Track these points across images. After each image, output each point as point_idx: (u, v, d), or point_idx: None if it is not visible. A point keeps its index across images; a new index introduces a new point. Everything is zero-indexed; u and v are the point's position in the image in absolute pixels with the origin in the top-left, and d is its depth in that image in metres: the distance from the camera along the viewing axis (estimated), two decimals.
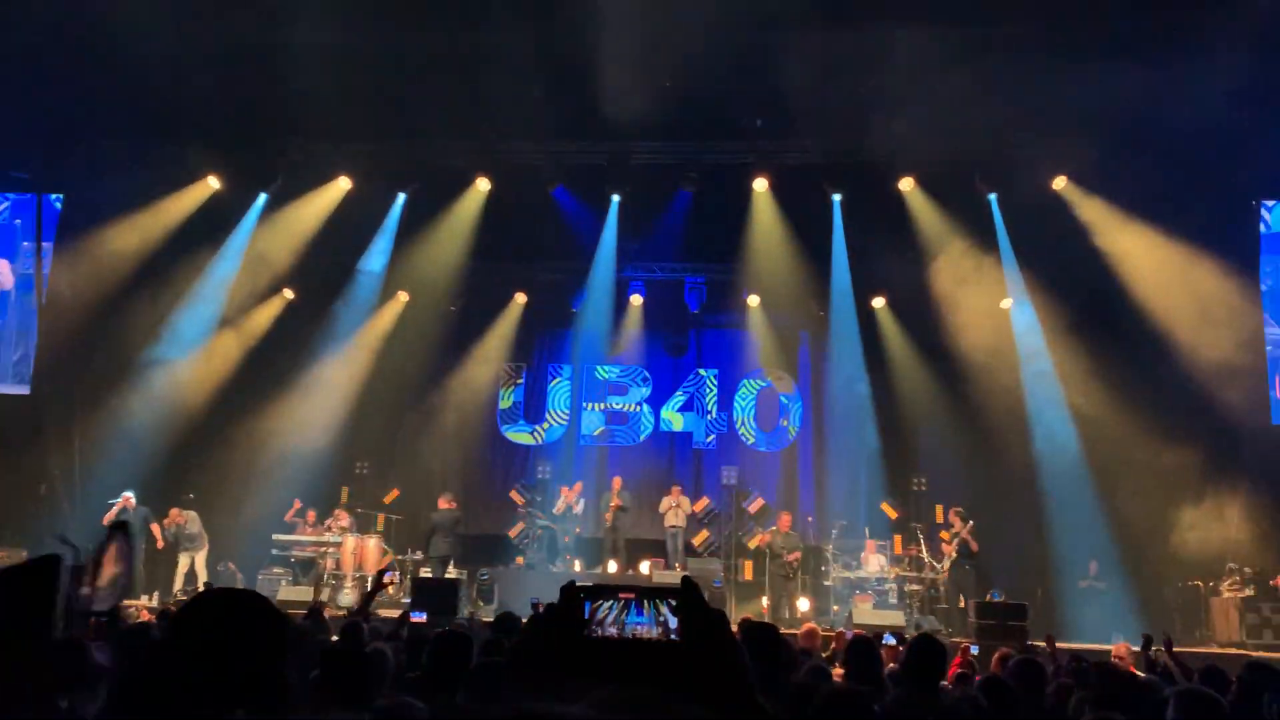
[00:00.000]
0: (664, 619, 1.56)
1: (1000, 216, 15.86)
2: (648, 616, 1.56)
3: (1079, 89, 13.22)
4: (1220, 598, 13.77)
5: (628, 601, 1.57)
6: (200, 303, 16.31)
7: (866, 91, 13.42)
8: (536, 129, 15.14)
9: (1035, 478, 15.48)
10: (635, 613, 1.57)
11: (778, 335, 17.86)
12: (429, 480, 17.24)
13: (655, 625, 1.57)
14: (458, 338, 17.89)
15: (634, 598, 1.57)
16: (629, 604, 1.57)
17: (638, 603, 1.57)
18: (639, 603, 1.57)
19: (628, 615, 1.57)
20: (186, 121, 14.87)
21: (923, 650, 4.46)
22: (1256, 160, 15.02)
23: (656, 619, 1.57)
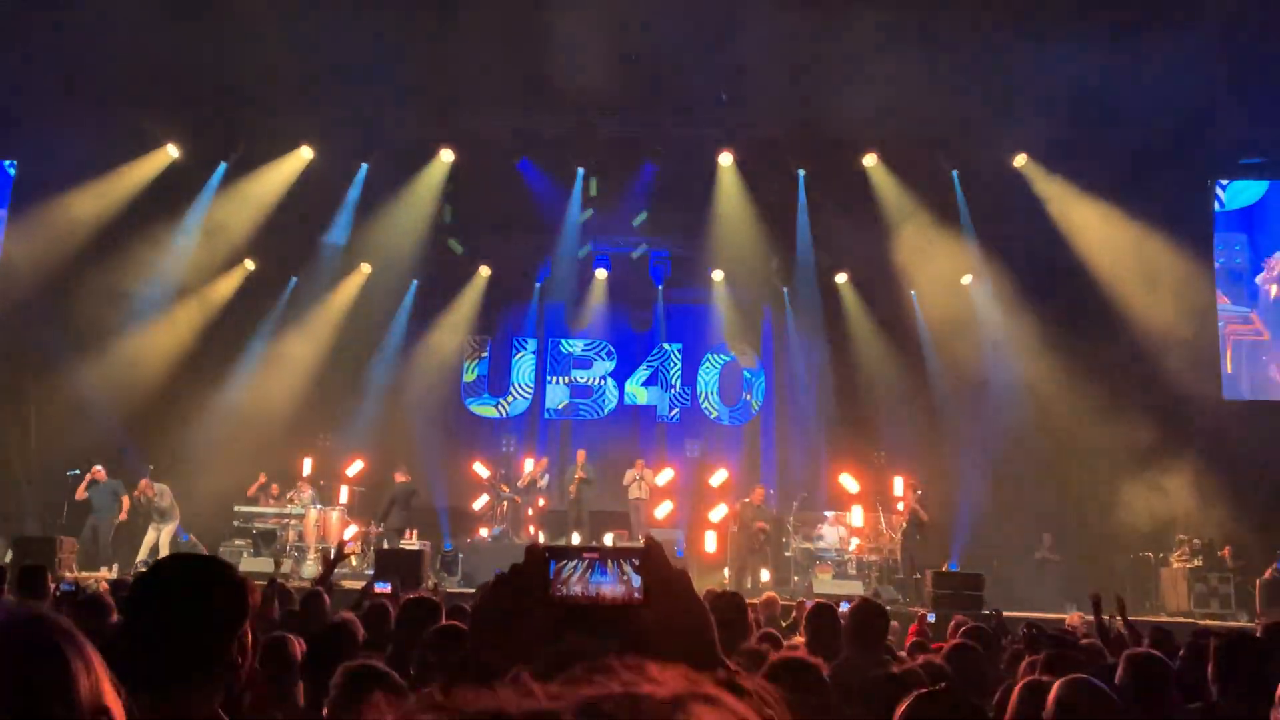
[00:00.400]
0: (628, 578, 1.60)
1: (962, 193, 16.04)
2: (612, 576, 1.60)
3: (1040, 68, 13.37)
4: (1169, 568, 14.12)
5: (592, 561, 1.60)
6: (159, 273, 16.07)
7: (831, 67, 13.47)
8: (500, 101, 15.04)
9: (993, 451, 15.75)
10: (599, 572, 1.60)
11: (741, 310, 17.95)
12: (392, 453, 17.20)
13: (619, 584, 1.60)
14: (421, 310, 17.80)
15: (598, 558, 1.61)
16: (594, 564, 1.61)
17: (602, 563, 1.60)
18: (603, 563, 1.61)
19: (592, 575, 1.60)
20: (144, 88, 14.60)
21: (863, 613, 4.59)
22: (1212, 140, 15.29)
23: (620, 578, 1.60)
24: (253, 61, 13.83)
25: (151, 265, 15.97)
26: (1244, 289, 16.46)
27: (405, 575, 11.06)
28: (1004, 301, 15.95)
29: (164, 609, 1.88)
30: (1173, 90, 13.42)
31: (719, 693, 0.56)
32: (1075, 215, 15.39)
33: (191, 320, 16.45)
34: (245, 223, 16.11)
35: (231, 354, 16.53)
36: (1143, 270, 14.91)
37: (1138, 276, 14.98)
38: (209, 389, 16.23)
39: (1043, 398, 15.40)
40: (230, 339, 16.61)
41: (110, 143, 15.36)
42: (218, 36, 13.50)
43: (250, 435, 15.92)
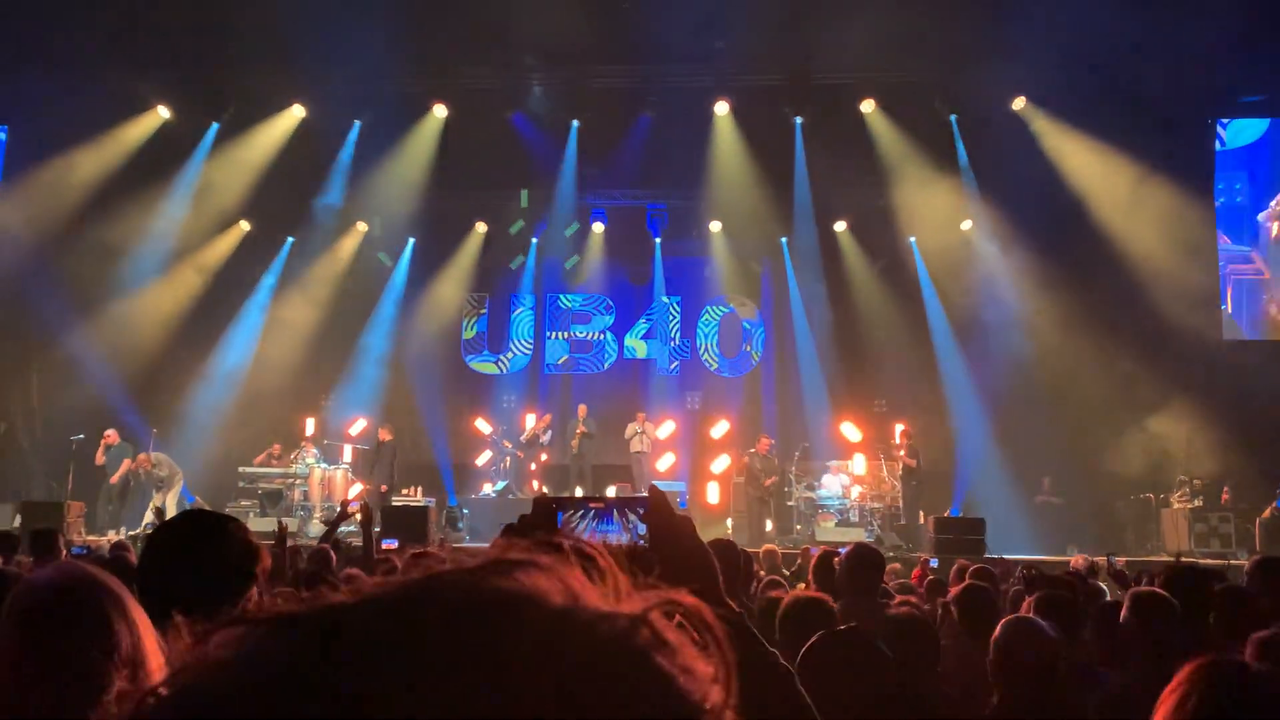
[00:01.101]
0: (633, 525, 1.62)
1: (960, 137, 15.91)
2: (617, 524, 1.62)
3: (1037, 8, 13.21)
4: (1170, 509, 14.21)
5: (598, 511, 1.63)
6: (154, 235, 16.00)
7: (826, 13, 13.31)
8: (493, 54, 14.87)
9: (993, 397, 15.79)
10: (605, 521, 1.63)
11: (740, 261, 17.90)
12: (394, 411, 17.25)
13: (625, 533, 1.63)
14: (418, 268, 17.75)
15: (604, 508, 1.63)
16: (599, 514, 1.63)
17: (607, 512, 1.63)
18: (609, 512, 1.63)
19: (598, 524, 1.63)
20: (133, 49, 14.43)
21: (856, 559, 4.64)
22: (1212, 79, 15.12)
23: (625, 526, 1.63)
24: (242, 19, 13.66)
25: (146, 228, 15.89)
26: (1245, 228, 16.39)
27: (410, 532, 11.17)
28: (1003, 246, 15.89)
29: (180, 557, 1.91)
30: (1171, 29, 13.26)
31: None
32: (1074, 157, 15.28)
33: (189, 282, 16.41)
34: (239, 183, 16.02)
35: (230, 315, 16.52)
36: (1142, 211, 14.83)
37: (1137, 217, 14.91)
38: (209, 350, 16.25)
39: (1042, 342, 15.40)
40: (228, 300, 16.59)
41: (101, 105, 15.20)
42: None
43: (252, 396, 15.97)
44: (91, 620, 1.49)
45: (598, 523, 1.62)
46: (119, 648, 1.48)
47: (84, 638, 1.47)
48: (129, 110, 15.57)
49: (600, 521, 1.62)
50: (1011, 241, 15.75)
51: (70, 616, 1.50)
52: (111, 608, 1.51)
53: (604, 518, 1.62)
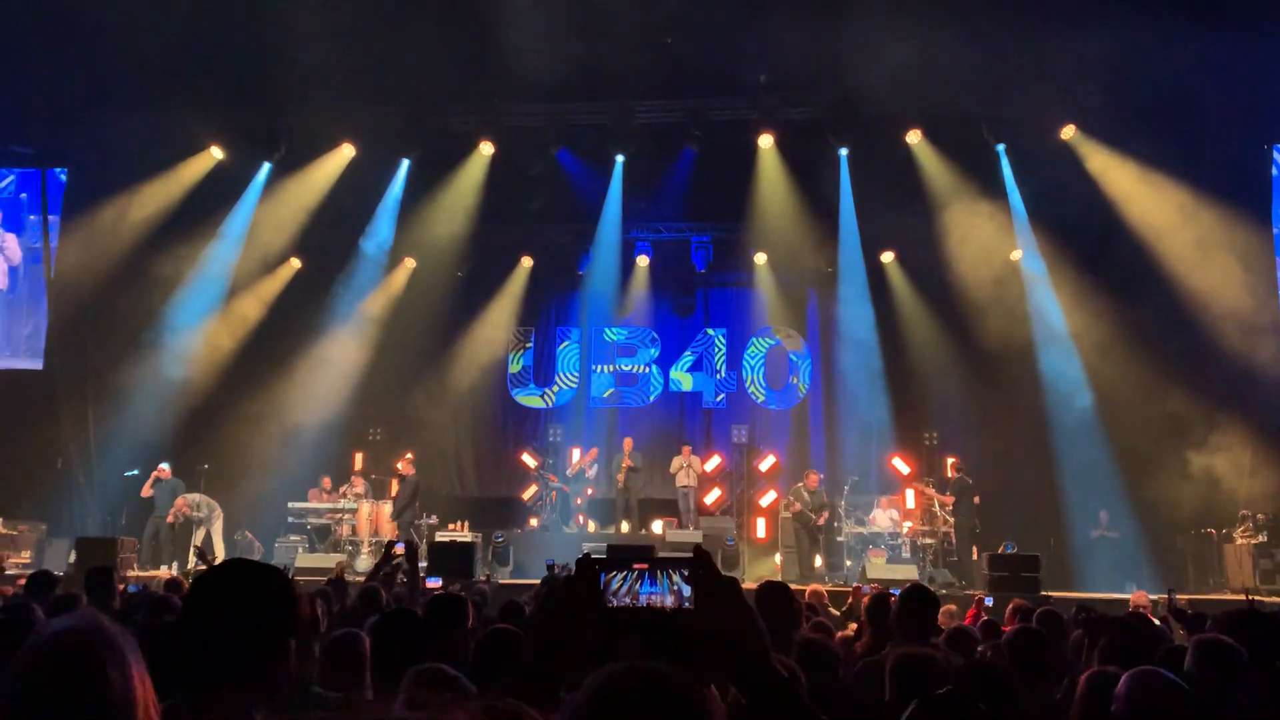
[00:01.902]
0: (677, 587, 1.58)
1: (1009, 167, 15.75)
2: (661, 586, 1.58)
3: (1085, 35, 13.06)
4: (1234, 545, 13.81)
5: (641, 572, 1.59)
6: (208, 273, 16.34)
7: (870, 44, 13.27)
8: (538, 90, 15.02)
9: (1046, 429, 15.50)
10: (649, 583, 1.59)
11: (786, 292, 17.80)
12: (442, 445, 17.36)
13: (669, 594, 1.59)
14: (465, 303, 17.90)
15: (647, 568, 1.59)
16: (643, 575, 1.59)
17: (651, 573, 1.59)
18: (652, 573, 1.59)
19: (641, 586, 1.59)
20: (188, 92, 14.79)
21: (911, 600, 4.54)
22: (1267, 104, 14.85)
23: (670, 588, 1.58)
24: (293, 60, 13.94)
25: (200, 266, 16.23)
26: None
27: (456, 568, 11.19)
28: (1055, 277, 15.65)
29: (219, 609, 1.91)
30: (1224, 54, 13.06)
31: None
32: (1127, 187, 15.03)
33: (242, 320, 16.69)
34: (290, 221, 16.31)
35: (281, 352, 16.74)
36: (1199, 240, 14.51)
37: (1192, 245, 14.60)
38: (260, 387, 16.46)
39: (1095, 372, 15.10)
40: (279, 337, 16.82)
41: (156, 147, 15.61)
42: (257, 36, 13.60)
43: (303, 431, 16.14)
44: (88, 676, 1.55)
45: (641, 584, 1.58)
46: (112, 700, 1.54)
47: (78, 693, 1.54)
48: (184, 151, 15.96)
49: (644, 583, 1.58)
50: (1062, 271, 15.51)
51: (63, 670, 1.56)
52: (110, 665, 1.56)
53: (647, 579, 1.58)
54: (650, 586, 1.58)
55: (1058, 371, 15.61)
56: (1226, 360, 14.35)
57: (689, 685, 1.23)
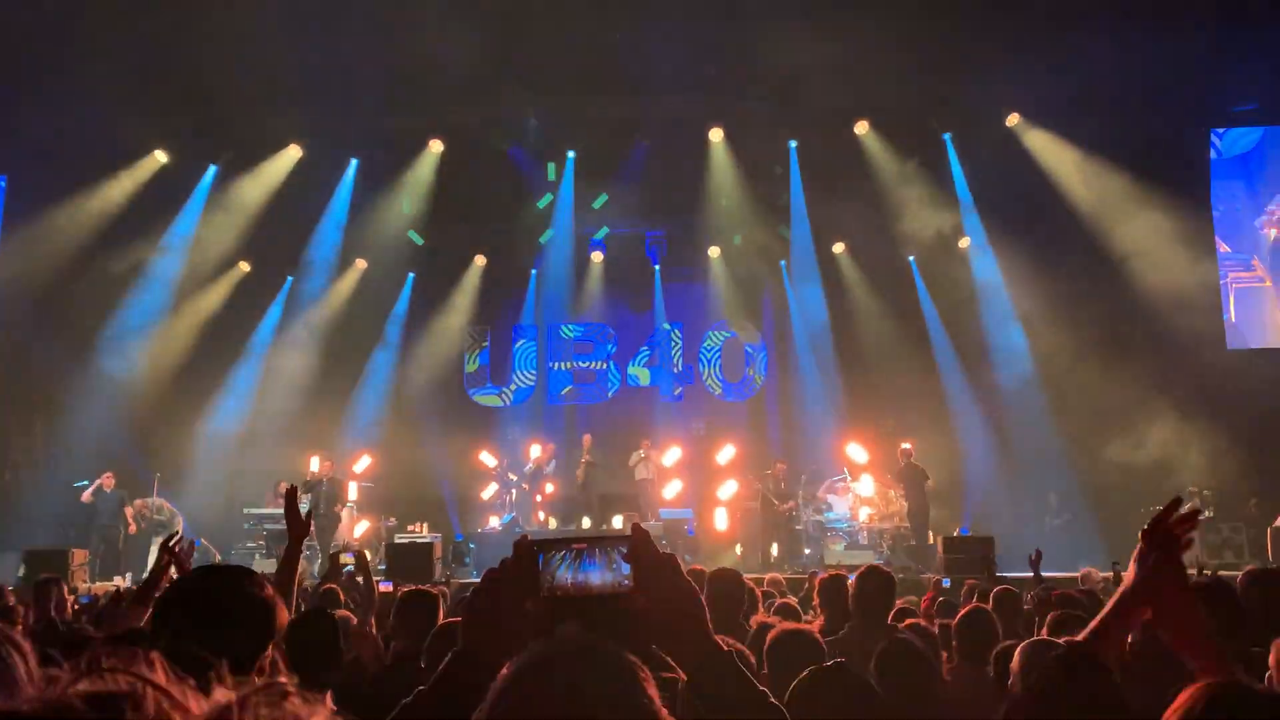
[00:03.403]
0: (616, 566, 1.59)
1: (955, 155, 15.95)
2: (600, 565, 1.59)
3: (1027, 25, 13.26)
4: None
5: (580, 552, 1.59)
6: (156, 278, 16.07)
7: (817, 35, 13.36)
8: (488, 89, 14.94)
9: (999, 412, 15.73)
10: (588, 563, 1.59)
11: (740, 285, 17.89)
12: (398, 447, 17.20)
13: (608, 572, 1.59)
14: (419, 303, 17.77)
15: (586, 548, 1.60)
16: (581, 554, 1.59)
17: (590, 553, 1.59)
18: (591, 553, 1.60)
19: (581, 565, 1.59)
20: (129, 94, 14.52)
21: (867, 582, 4.59)
22: (1206, 89, 15.16)
23: (609, 567, 1.59)
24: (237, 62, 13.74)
25: (147, 271, 15.96)
26: (1244, 236, 16.37)
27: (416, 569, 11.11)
28: (1002, 263, 15.88)
29: (196, 617, 1.88)
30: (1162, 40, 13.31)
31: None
32: (1070, 171, 15.30)
33: (190, 324, 16.42)
34: (238, 224, 16.08)
35: (232, 356, 16.52)
36: (1140, 222, 14.82)
37: (1136, 229, 14.90)
38: (211, 392, 16.23)
39: (1046, 356, 15.35)
40: (230, 341, 16.60)
41: (99, 151, 15.31)
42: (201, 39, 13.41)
43: (255, 435, 15.93)
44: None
45: (580, 564, 1.59)
46: None
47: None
48: (128, 155, 15.66)
49: (583, 562, 1.59)
50: (1009, 256, 15.74)
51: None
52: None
53: (586, 559, 1.59)
54: (589, 566, 1.58)
55: (1007, 355, 15.85)
56: (1173, 341, 14.67)
57: (619, 657, 1.23)
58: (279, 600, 1.99)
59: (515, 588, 1.57)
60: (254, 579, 1.97)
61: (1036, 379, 15.49)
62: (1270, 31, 13.91)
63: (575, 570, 1.58)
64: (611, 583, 1.57)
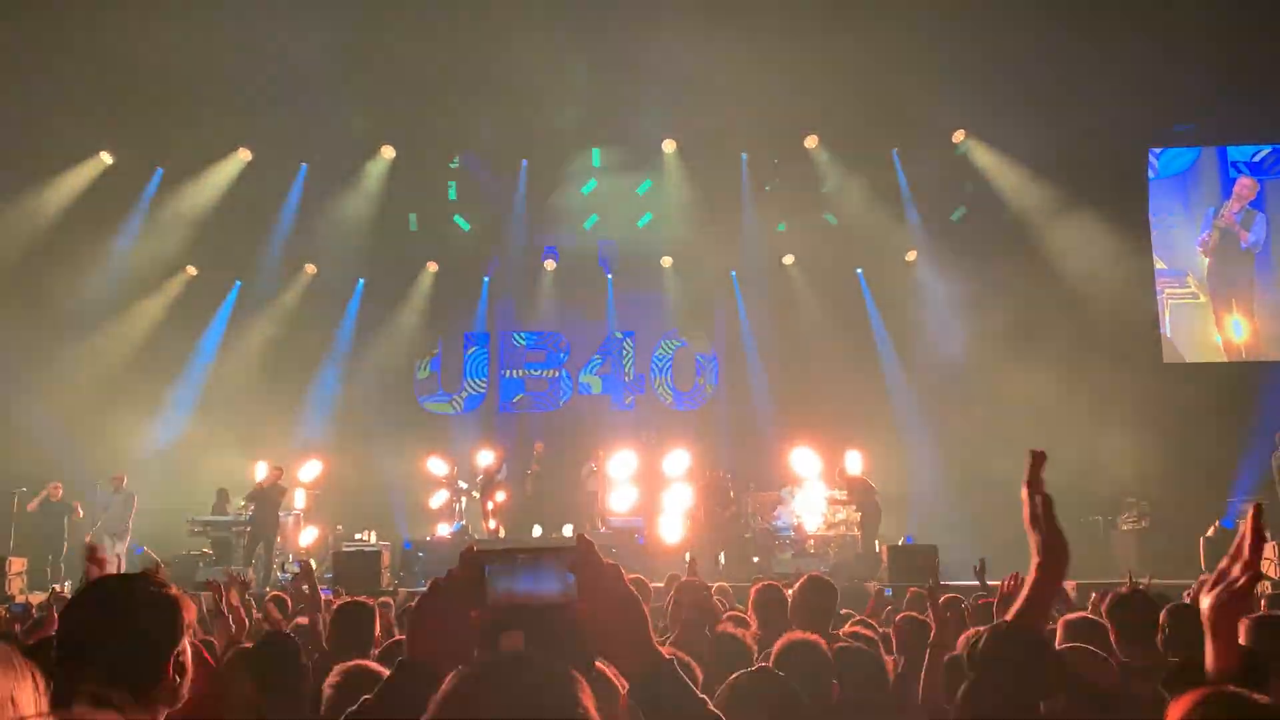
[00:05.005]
0: (561, 576, 1.63)
1: (902, 170, 16.23)
2: (545, 575, 1.62)
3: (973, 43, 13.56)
4: (1118, 531, 14.40)
5: (524, 562, 1.63)
6: (100, 281, 15.79)
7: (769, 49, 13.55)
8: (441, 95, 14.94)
9: (942, 423, 15.98)
10: (532, 573, 1.63)
11: (692, 295, 17.99)
12: (347, 454, 17.04)
13: (553, 583, 1.63)
14: (370, 309, 17.65)
15: (530, 558, 1.63)
16: (526, 565, 1.63)
17: (534, 563, 1.63)
18: (535, 563, 1.63)
19: (526, 576, 1.63)
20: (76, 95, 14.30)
21: (807, 592, 4.65)
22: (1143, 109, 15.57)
23: (554, 577, 1.63)
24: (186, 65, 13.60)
25: (92, 275, 15.68)
26: (1179, 253, 16.82)
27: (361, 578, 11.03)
28: (947, 275, 16.17)
29: (93, 629, 1.89)
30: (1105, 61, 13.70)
31: None
32: (1014, 187, 15.65)
33: (135, 329, 16.17)
34: (185, 228, 15.89)
35: (179, 360, 16.27)
36: (1080, 238, 15.21)
37: (1075, 245, 15.28)
38: (157, 396, 15.97)
39: (985, 368, 15.62)
40: (177, 345, 16.35)
41: (43, 152, 15.04)
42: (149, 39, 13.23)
43: (200, 442, 15.70)
44: None
45: (525, 574, 1.62)
46: None
47: None
48: (71, 157, 15.39)
49: (527, 572, 1.62)
50: (954, 270, 16.03)
51: None
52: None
53: (531, 569, 1.62)
54: (534, 576, 1.61)
55: (949, 367, 16.12)
56: (1110, 354, 15.03)
57: (556, 668, 1.27)
58: (180, 601, 2.00)
59: (461, 598, 1.60)
60: (154, 584, 1.99)
61: (977, 389, 15.76)
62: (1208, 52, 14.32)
63: (520, 580, 1.61)
64: (556, 593, 1.60)
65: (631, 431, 17.78)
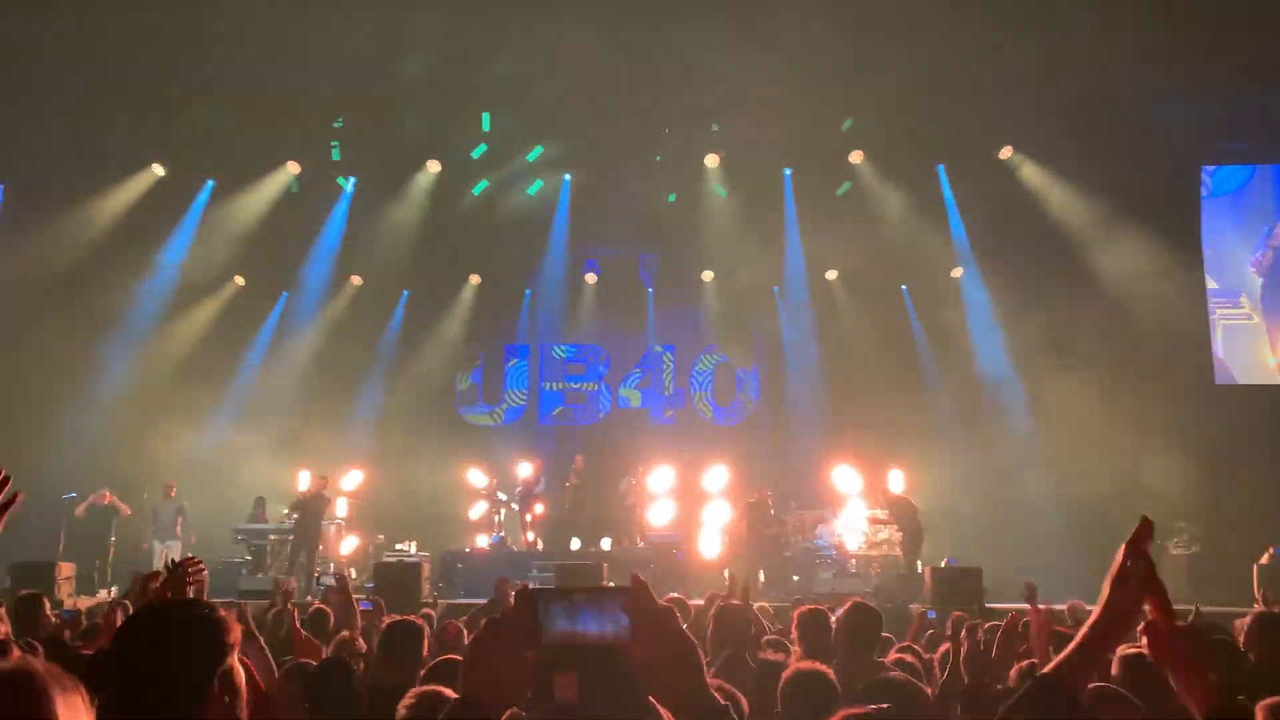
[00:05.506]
0: (615, 617, 1.61)
1: (949, 186, 16.09)
2: (598, 616, 1.61)
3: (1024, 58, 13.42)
4: (1168, 555, 14.11)
5: (579, 602, 1.62)
6: (151, 291, 16.09)
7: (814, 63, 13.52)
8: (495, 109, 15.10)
9: (986, 441, 15.77)
10: (587, 613, 1.62)
11: (733, 310, 17.93)
12: (389, 464, 17.17)
13: (607, 624, 1.62)
14: (413, 320, 17.79)
15: (585, 598, 1.62)
16: (580, 605, 1.62)
17: (588, 603, 1.62)
18: (590, 603, 1.62)
19: (579, 616, 1.62)
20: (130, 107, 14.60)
21: (854, 618, 4.54)
22: (1197, 126, 15.33)
23: (608, 618, 1.62)
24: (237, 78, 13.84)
25: (142, 283, 15.98)
26: (1232, 273, 16.50)
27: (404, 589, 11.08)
28: (994, 292, 15.99)
29: (142, 654, 1.92)
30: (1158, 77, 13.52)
31: None
32: (1063, 205, 15.45)
33: (184, 338, 16.42)
34: (234, 239, 16.12)
35: (226, 370, 16.50)
36: (1131, 257, 14.96)
37: (1126, 263, 15.03)
38: (204, 406, 16.20)
39: (1035, 387, 15.43)
40: (224, 355, 16.58)
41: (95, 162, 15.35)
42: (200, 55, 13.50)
43: (249, 449, 15.88)
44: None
45: (579, 614, 1.61)
46: None
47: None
48: (124, 167, 15.70)
49: (582, 613, 1.61)
50: (1001, 288, 15.85)
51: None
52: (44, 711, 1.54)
53: (585, 609, 1.61)
54: (588, 616, 1.60)
55: (998, 386, 15.92)
56: (1161, 375, 14.76)
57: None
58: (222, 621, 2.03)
59: (515, 637, 1.59)
60: (199, 608, 2.01)
61: (1024, 408, 15.56)
62: (1261, 70, 14.07)
63: (575, 620, 1.60)
64: (610, 634, 1.59)
65: (671, 446, 17.75)
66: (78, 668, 1.61)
